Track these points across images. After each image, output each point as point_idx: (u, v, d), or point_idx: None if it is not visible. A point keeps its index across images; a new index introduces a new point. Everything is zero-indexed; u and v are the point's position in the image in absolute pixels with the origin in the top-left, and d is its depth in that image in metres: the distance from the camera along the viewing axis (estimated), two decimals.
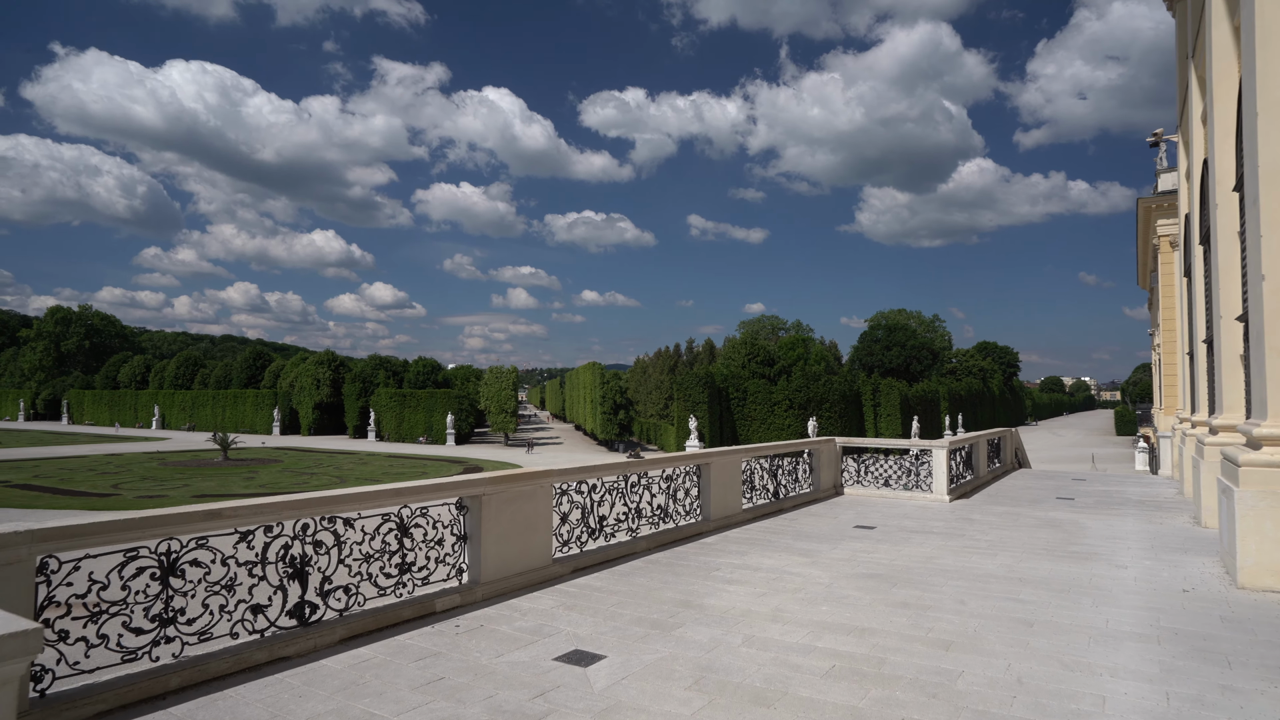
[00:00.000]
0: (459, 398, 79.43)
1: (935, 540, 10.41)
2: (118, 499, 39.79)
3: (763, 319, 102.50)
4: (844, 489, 15.23)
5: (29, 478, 46.14)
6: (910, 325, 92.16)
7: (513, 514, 7.57)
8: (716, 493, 11.20)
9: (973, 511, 13.11)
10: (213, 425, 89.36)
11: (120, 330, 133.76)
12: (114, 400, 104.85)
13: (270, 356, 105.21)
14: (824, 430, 58.19)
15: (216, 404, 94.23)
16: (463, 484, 7.12)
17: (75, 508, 36.59)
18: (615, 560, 8.93)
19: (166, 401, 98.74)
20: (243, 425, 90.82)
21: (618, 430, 72.58)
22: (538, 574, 7.85)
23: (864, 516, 12.47)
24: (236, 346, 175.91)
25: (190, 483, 45.35)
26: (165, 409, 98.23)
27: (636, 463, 9.55)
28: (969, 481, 16.12)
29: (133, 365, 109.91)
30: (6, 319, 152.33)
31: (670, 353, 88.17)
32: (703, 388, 60.37)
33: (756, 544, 10.07)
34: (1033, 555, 9.43)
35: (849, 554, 9.44)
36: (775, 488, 13.25)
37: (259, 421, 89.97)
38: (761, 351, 70.39)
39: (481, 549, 7.23)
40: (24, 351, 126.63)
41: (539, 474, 7.96)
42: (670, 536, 10.14)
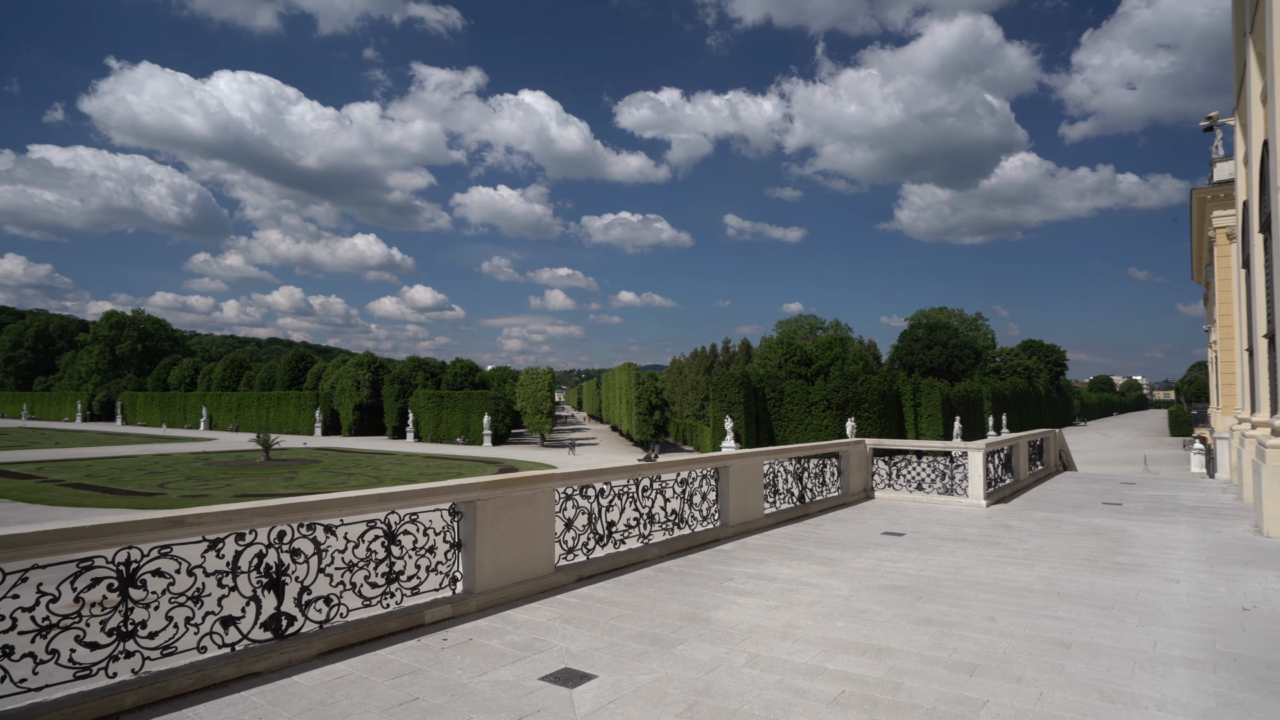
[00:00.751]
0: (495, 399, 79.83)
1: (968, 549, 9.79)
2: (163, 498, 40.62)
3: (800, 318, 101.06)
4: (875, 493, 14.60)
5: (81, 477, 47.45)
6: (952, 324, 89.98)
7: (510, 520, 7.21)
8: (735, 497, 10.72)
9: (1010, 518, 12.40)
10: (257, 426, 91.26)
11: (170, 334, 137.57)
12: (164, 402, 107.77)
13: (312, 359, 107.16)
14: (863, 431, 57.04)
15: (261, 405, 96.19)
16: (455, 489, 6.78)
17: (122, 506, 37.43)
18: (624, 568, 8.53)
19: (214, 403, 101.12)
20: (286, 426, 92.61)
21: (653, 431, 72.17)
22: (539, 583, 7.48)
23: (894, 522, 11.86)
24: (281, 349, 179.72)
25: (233, 482, 46.17)
26: (212, 410, 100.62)
27: (648, 466, 9.13)
28: (1008, 485, 15.34)
29: (182, 368, 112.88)
30: (65, 324, 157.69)
31: (706, 353, 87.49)
32: (739, 388, 59.65)
33: (776, 551, 9.57)
34: (1073, 566, 8.77)
35: (873, 563, 8.89)
36: (800, 491, 12.71)
37: (301, 422, 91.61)
38: (798, 351, 69.33)
39: (476, 557, 6.88)
40: (81, 355, 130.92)
41: (539, 478, 7.59)
42: (685, 543, 9.69)
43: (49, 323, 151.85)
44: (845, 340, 78.56)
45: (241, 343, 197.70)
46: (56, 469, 51.85)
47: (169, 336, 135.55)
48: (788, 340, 71.63)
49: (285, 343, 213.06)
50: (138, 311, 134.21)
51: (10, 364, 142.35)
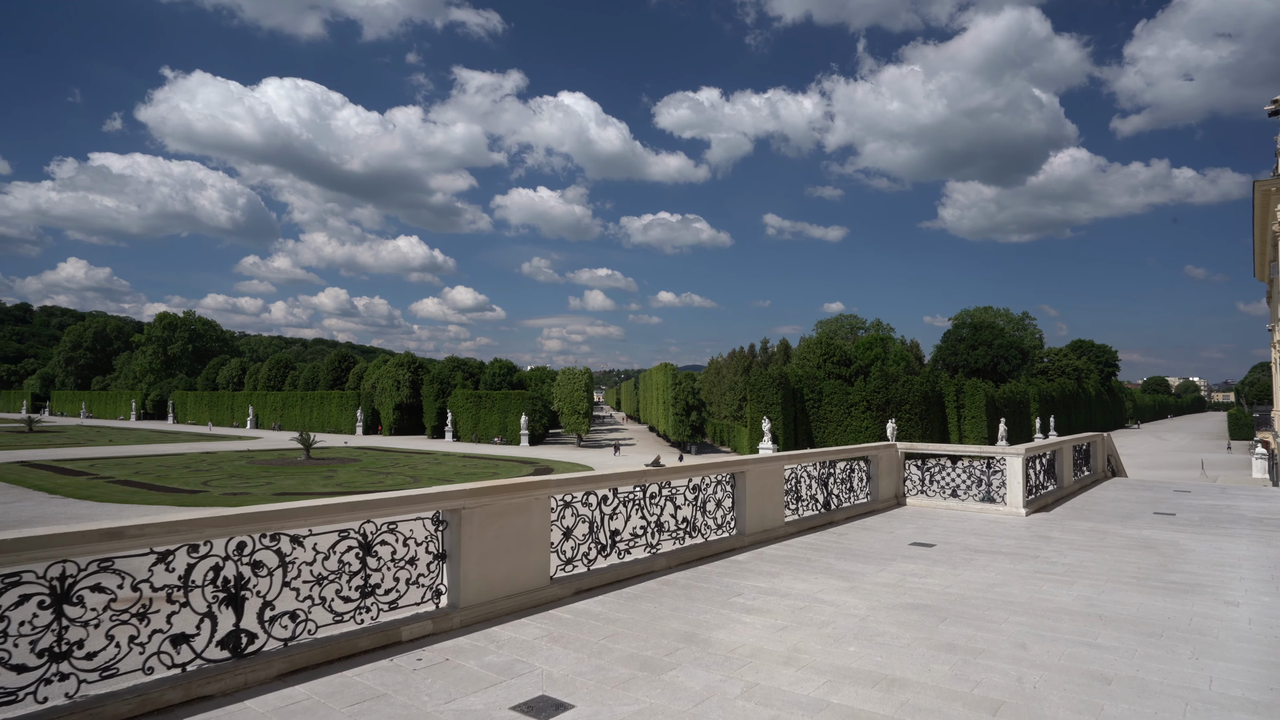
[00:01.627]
0: (533, 399, 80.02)
1: (1002, 563, 9.08)
2: (206, 495, 41.40)
3: (841, 318, 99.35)
4: (906, 499, 13.87)
5: (130, 474, 48.68)
6: (997, 323, 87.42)
7: (501, 529, 6.78)
8: (753, 504, 10.15)
9: (1051, 528, 11.59)
10: (301, 425, 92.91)
11: (220, 334, 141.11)
12: (213, 401, 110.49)
13: (354, 359, 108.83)
14: (903, 434, 55.66)
15: (304, 405, 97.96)
16: (439, 496, 6.37)
17: (166, 503, 38.16)
18: (628, 580, 8.04)
19: (259, 402, 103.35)
20: (328, 425, 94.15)
21: (689, 432, 71.55)
22: (532, 596, 7.03)
23: (924, 532, 11.16)
24: (326, 349, 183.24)
25: (273, 480, 46.90)
26: (258, 409, 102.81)
27: (656, 472, 8.63)
28: (1050, 493, 14.47)
29: (230, 368, 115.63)
30: (122, 325, 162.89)
31: (745, 353, 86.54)
32: (776, 388, 58.71)
33: (794, 563, 8.99)
34: (1118, 584, 8.03)
35: (897, 578, 8.25)
36: (826, 498, 12.07)
37: (343, 422, 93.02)
38: (838, 351, 68.03)
39: (461, 569, 6.46)
40: (136, 355, 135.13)
41: (533, 484, 7.15)
42: (697, 553, 9.16)
43: (106, 324, 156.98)
44: (886, 340, 76.89)
45: (288, 343, 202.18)
46: (107, 466, 53.31)
47: (218, 337, 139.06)
48: (827, 340, 70.35)
49: (331, 343, 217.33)
50: (189, 313, 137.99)
51: (71, 364, 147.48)
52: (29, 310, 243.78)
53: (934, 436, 57.42)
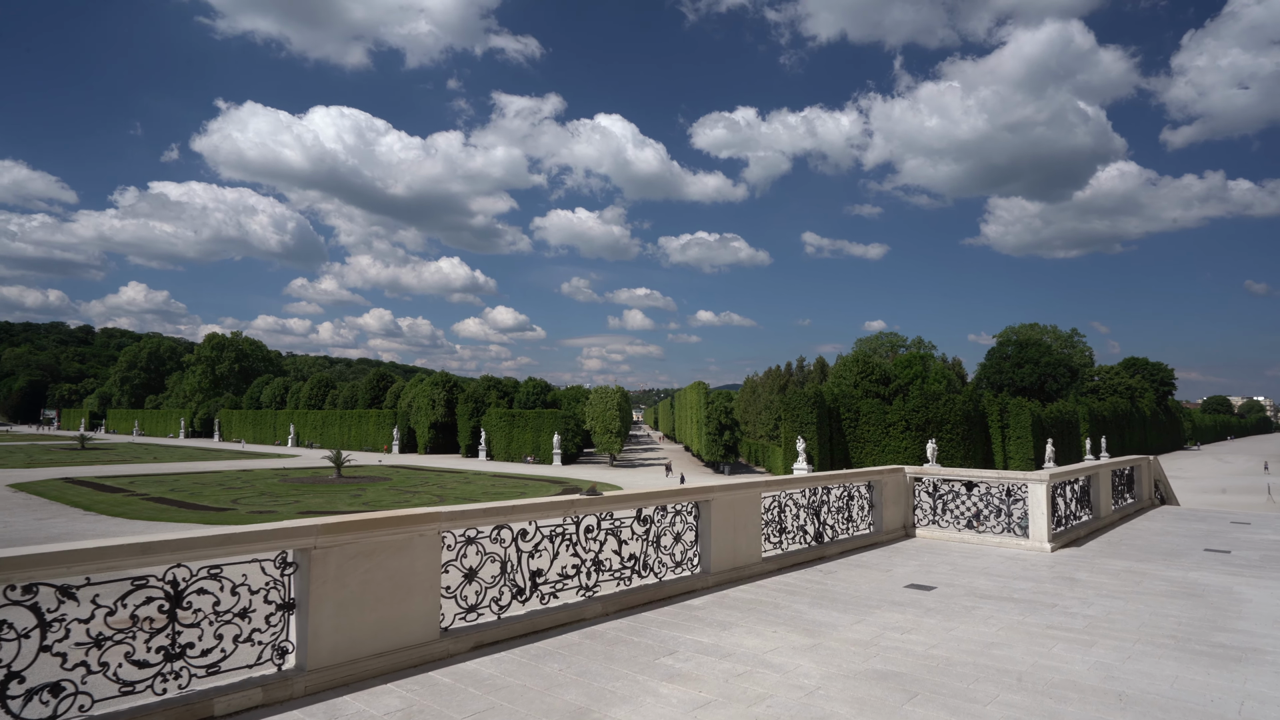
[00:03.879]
0: (565, 418, 79.27)
1: (1009, 613, 7.58)
2: (232, 513, 41.37)
3: (880, 336, 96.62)
4: (916, 530, 12.32)
5: (166, 491, 49.12)
6: (1044, 340, 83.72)
7: (369, 572, 5.62)
8: (720, 538, 8.81)
9: (1079, 567, 9.97)
10: (340, 443, 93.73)
11: (265, 354, 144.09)
12: (256, 419, 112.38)
13: (392, 378, 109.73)
14: (944, 454, 53.23)
15: (343, 423, 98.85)
16: (283, 532, 5.23)
17: (193, 521, 38.16)
18: (547, 631, 6.78)
19: (301, 421, 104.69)
20: (365, 443, 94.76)
21: (722, 451, 69.89)
22: (412, 653, 5.84)
23: (927, 570, 9.66)
24: (370, 369, 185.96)
25: (302, 499, 46.78)
26: (299, 428, 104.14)
27: (590, 501, 7.38)
28: (1083, 524, 12.75)
29: (273, 387, 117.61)
30: (175, 345, 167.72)
31: (781, 372, 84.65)
32: (811, 407, 56.82)
33: (758, 610, 7.63)
34: (1150, 646, 6.50)
35: (874, 633, 6.84)
36: (818, 529, 10.65)
37: (380, 440, 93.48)
38: (875, 369, 65.75)
39: (312, 622, 5.30)
40: (186, 375, 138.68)
41: (416, 518, 5.97)
42: (645, 597, 7.86)
43: (160, 345, 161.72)
44: (926, 358, 74.24)
45: (333, 363, 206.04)
46: (146, 483, 53.96)
47: (263, 357, 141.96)
48: (864, 358, 68.12)
49: (375, 363, 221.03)
50: (236, 334, 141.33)
51: (126, 384, 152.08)
52: (91, 332, 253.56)
53: (976, 457, 54.83)
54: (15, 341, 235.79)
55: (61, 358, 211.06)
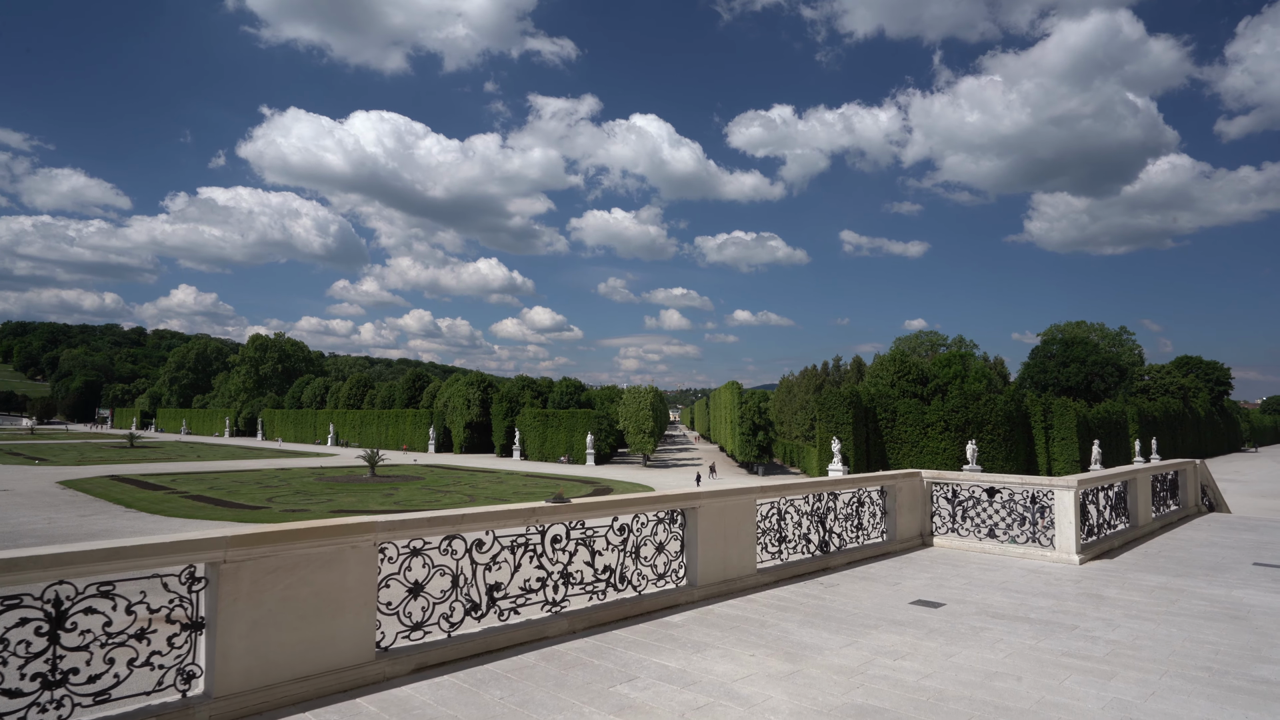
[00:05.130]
0: (599, 418, 78.96)
1: (1022, 635, 6.81)
2: (266, 511, 41.86)
3: (920, 335, 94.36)
4: (934, 539, 11.50)
5: (205, 489, 50.00)
6: (1091, 339, 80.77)
7: (291, 588, 5.12)
8: (708, 548, 8.17)
9: (1108, 583, 9.09)
10: (377, 443, 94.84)
11: (307, 355, 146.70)
12: (298, 419, 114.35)
13: (428, 378, 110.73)
14: (984, 455, 51.57)
15: (381, 423, 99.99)
16: (189, 545, 4.76)
17: (228, 519, 38.66)
18: (502, 651, 6.23)
19: (340, 420, 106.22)
20: (402, 443, 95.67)
21: (756, 452, 68.89)
22: (344, 676, 5.33)
23: (939, 584, 8.88)
24: (409, 369, 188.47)
25: (335, 497, 47.19)
26: (339, 427, 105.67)
27: (554, 509, 6.81)
28: (1118, 533, 11.78)
29: (314, 387, 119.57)
30: (221, 346, 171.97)
31: (817, 371, 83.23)
32: (847, 407, 55.54)
33: (741, 628, 6.98)
34: (1180, 679, 5.70)
35: (864, 658, 6.15)
36: (823, 538, 9.93)
37: (417, 439, 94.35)
38: (913, 369, 64.08)
39: (221, 643, 4.82)
40: (231, 375, 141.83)
41: (348, 528, 5.46)
42: (620, 612, 7.26)
43: (207, 346, 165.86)
44: (966, 357, 72.14)
45: (373, 363, 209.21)
46: (187, 481, 55.06)
47: (305, 357, 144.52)
48: (901, 357, 66.48)
49: (414, 363, 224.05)
50: (279, 334, 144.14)
51: (174, 384, 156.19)
52: (143, 334, 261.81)
53: (1019, 459, 53.02)
54: (73, 343, 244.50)
55: (115, 358, 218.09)
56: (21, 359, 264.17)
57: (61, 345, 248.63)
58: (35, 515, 38.69)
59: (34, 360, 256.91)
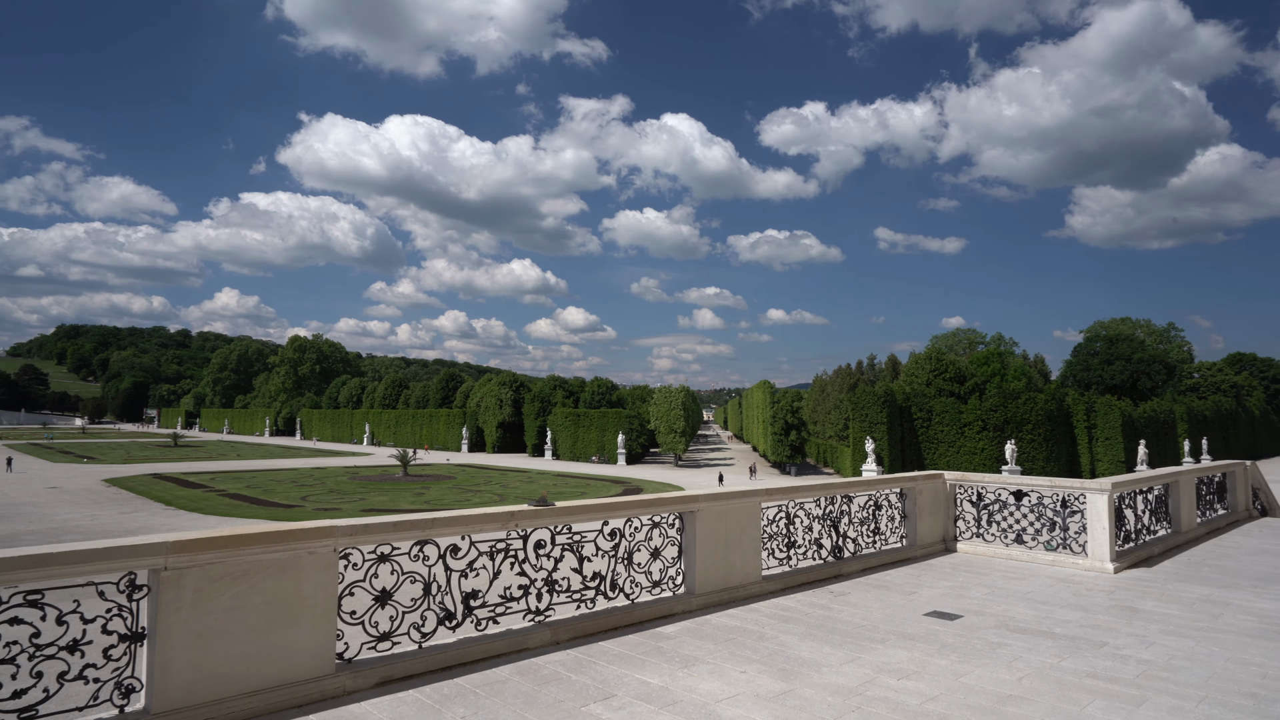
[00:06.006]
0: (630, 417, 78.70)
1: (1044, 653, 6.24)
2: (300, 510, 42.36)
3: (958, 333, 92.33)
4: (957, 544, 10.88)
5: (242, 488, 50.84)
6: (1137, 335, 78.04)
7: (241, 596, 4.81)
8: (708, 554, 7.72)
9: (1145, 594, 8.42)
10: (412, 442, 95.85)
11: (344, 355, 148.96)
12: (335, 419, 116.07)
13: (461, 378, 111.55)
14: (1024, 455, 50.10)
15: (415, 422, 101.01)
16: (128, 550, 4.47)
17: (262, 516, 39.17)
18: (477, 664, 5.86)
19: (375, 420, 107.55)
20: (436, 442, 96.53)
21: (789, 452, 67.99)
22: (299, 690, 5.01)
23: (958, 594, 8.31)
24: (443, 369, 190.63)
25: (367, 496, 47.62)
26: (374, 426, 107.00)
27: (536, 513, 6.42)
28: (1158, 540, 11.02)
29: (350, 387, 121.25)
30: (262, 348, 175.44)
31: (851, 370, 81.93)
32: (881, 407, 54.47)
33: (736, 642, 6.52)
34: (1221, 709, 5.10)
35: (865, 676, 5.65)
36: (835, 543, 9.40)
37: (450, 439, 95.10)
38: (950, 367, 62.55)
39: (161, 655, 4.50)
40: (271, 376, 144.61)
41: (304, 532, 5.14)
42: (610, 621, 6.85)
43: (248, 348, 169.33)
44: (1005, 355, 70.27)
45: (408, 364, 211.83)
46: (225, 480, 56.05)
47: (342, 358, 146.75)
48: (937, 355, 64.95)
49: (450, 364, 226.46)
50: (317, 336, 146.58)
51: (217, 384, 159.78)
52: (188, 336, 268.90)
53: (1060, 460, 51.42)
54: (122, 345, 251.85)
55: (162, 360, 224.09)
56: (75, 361, 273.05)
57: (111, 347, 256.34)
58: (79, 512, 39.63)
59: (86, 362, 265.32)
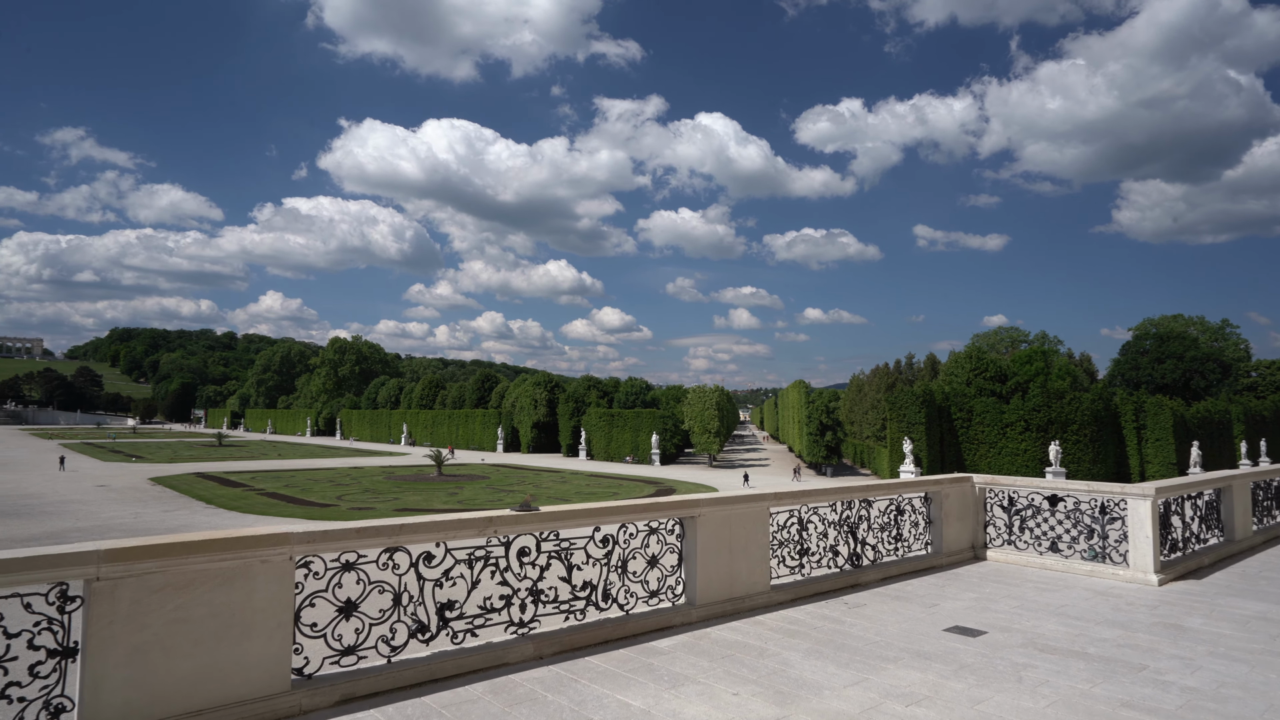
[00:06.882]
0: (664, 418, 78.22)
1: (1075, 677, 5.63)
2: (335, 509, 42.73)
3: (1000, 331, 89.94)
4: (988, 551, 10.20)
5: (280, 487, 51.58)
6: (1190, 333, 75.02)
7: (184, 608, 4.48)
8: (710, 563, 7.23)
9: (1192, 610, 7.69)
10: (449, 442, 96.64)
11: (383, 356, 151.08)
12: (374, 419, 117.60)
13: (497, 379, 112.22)
14: (1069, 457, 48.45)
15: (451, 423, 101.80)
16: (50, 560, 4.15)
17: (298, 515, 39.59)
18: (454, 679, 5.46)
19: (412, 420, 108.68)
20: (472, 442, 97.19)
21: (824, 452, 66.87)
22: (250, 709, 4.66)
23: (984, 606, 7.69)
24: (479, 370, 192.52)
25: (401, 496, 47.90)
26: (411, 427, 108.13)
27: (518, 519, 6.02)
28: (1208, 549, 10.21)
29: (388, 388, 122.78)
30: (304, 349, 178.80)
31: (889, 370, 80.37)
32: (919, 406, 53.17)
33: (733, 658, 6.02)
34: None
35: (870, 701, 5.12)
36: (853, 550, 8.83)
37: (486, 439, 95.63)
38: (991, 366, 60.84)
39: (92, 672, 4.18)
40: (313, 377, 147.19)
41: (256, 539, 4.79)
42: (600, 634, 6.41)
43: (291, 349, 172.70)
44: (1049, 354, 68.12)
45: (446, 364, 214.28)
46: (265, 479, 56.94)
47: (381, 359, 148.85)
48: (978, 354, 63.25)
49: (487, 364, 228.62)
50: (356, 337, 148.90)
51: (261, 385, 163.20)
52: (234, 338, 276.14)
53: (1108, 461, 49.62)
54: (171, 348, 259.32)
55: (209, 362, 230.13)
56: (127, 363, 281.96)
57: (161, 350, 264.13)
58: (124, 510, 40.51)
59: (138, 364, 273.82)
